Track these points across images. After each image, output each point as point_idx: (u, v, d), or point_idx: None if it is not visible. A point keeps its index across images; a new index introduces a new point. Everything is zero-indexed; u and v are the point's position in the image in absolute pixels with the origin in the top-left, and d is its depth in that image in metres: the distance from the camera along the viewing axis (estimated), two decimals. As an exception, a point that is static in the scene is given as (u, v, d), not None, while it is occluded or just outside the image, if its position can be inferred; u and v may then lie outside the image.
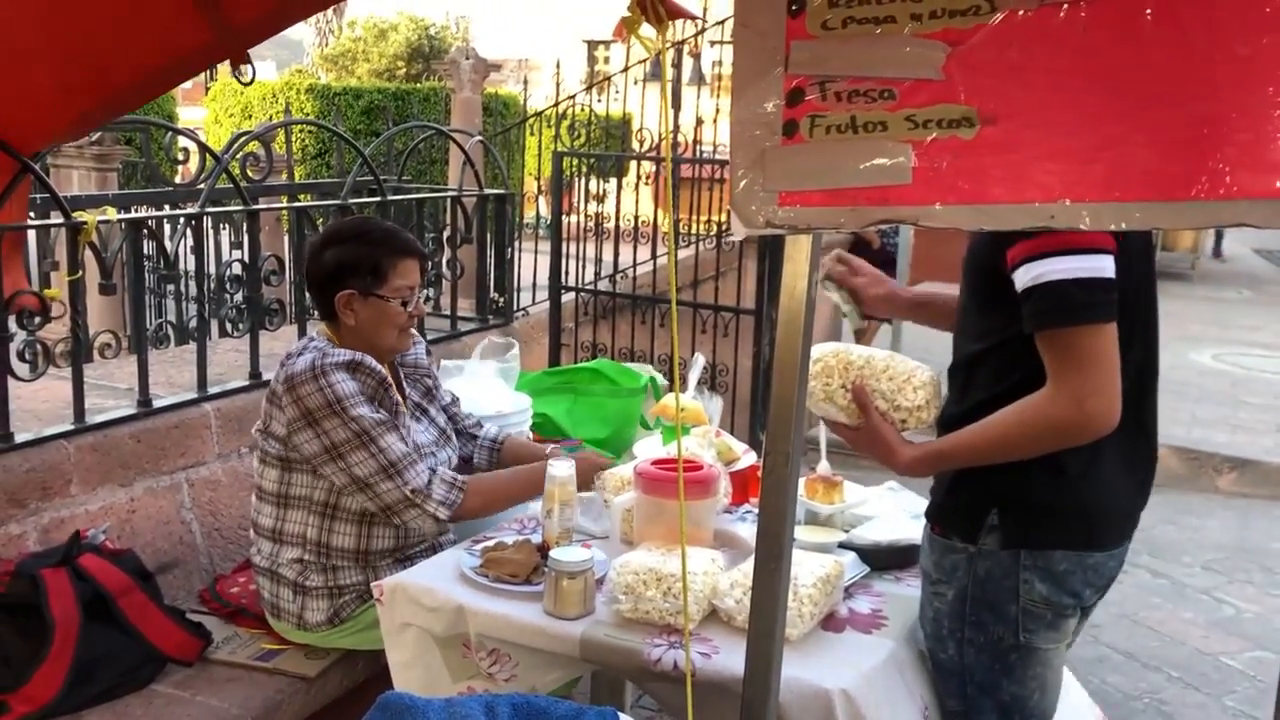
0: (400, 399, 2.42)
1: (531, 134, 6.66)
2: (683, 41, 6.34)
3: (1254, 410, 7.31)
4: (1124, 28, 1.00)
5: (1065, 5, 1.02)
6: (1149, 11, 0.99)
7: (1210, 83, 0.97)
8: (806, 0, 1.12)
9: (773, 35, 1.13)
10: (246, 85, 1.82)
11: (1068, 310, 1.64)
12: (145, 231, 2.89)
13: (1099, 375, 1.65)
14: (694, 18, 1.55)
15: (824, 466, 2.37)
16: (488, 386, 2.99)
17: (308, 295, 2.57)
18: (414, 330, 2.54)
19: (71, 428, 2.60)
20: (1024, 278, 1.65)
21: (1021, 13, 1.04)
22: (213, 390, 2.97)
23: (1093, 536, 1.84)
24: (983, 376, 1.83)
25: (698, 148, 5.84)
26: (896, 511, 2.42)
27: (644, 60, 6.16)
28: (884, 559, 2.21)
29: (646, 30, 1.37)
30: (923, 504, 2.50)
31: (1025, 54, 1.04)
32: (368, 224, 2.50)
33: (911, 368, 1.94)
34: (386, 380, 2.35)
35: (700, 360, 2.73)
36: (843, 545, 2.21)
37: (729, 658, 1.82)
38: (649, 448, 2.64)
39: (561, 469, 2.22)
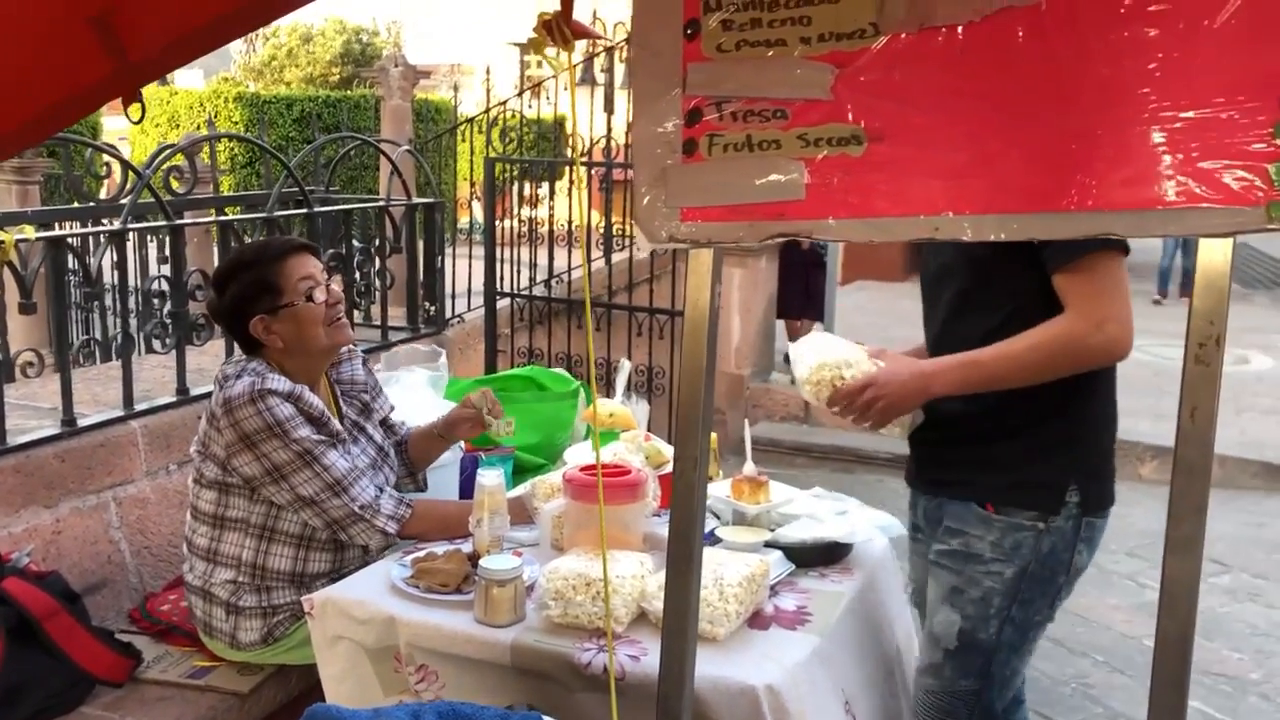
0: (339, 425, 2.41)
1: (464, 140, 6.65)
2: (614, 47, 6.38)
3: (1175, 400, 7.52)
4: (998, 50, 1.06)
5: (944, 29, 1.07)
6: (1020, 33, 1.05)
7: (1077, 101, 1.03)
8: (701, 24, 1.16)
9: (669, 57, 1.17)
10: (136, 124, 1.83)
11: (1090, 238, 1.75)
12: (67, 248, 2.86)
13: (1118, 302, 1.78)
14: (599, 37, 1.59)
15: (749, 467, 2.42)
16: (418, 396, 3.00)
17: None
18: (347, 333, 2.45)
19: (-8, 449, 2.57)
20: None
21: (904, 36, 1.09)
22: (140, 407, 2.94)
23: (1114, 490, 2.01)
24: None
25: (630, 151, 5.88)
26: (821, 510, 2.47)
27: (574, 65, 6.17)
28: (809, 556, 2.26)
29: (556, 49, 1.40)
30: (852, 501, 2.55)
31: (908, 75, 1.09)
32: (241, 253, 2.49)
33: None
34: (325, 413, 2.34)
35: (627, 365, 2.77)
36: (769, 544, 2.26)
37: (657, 659, 1.85)
38: (579, 454, 2.67)
39: (490, 478, 2.24)
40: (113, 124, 15.95)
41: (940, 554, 2.07)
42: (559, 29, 1.36)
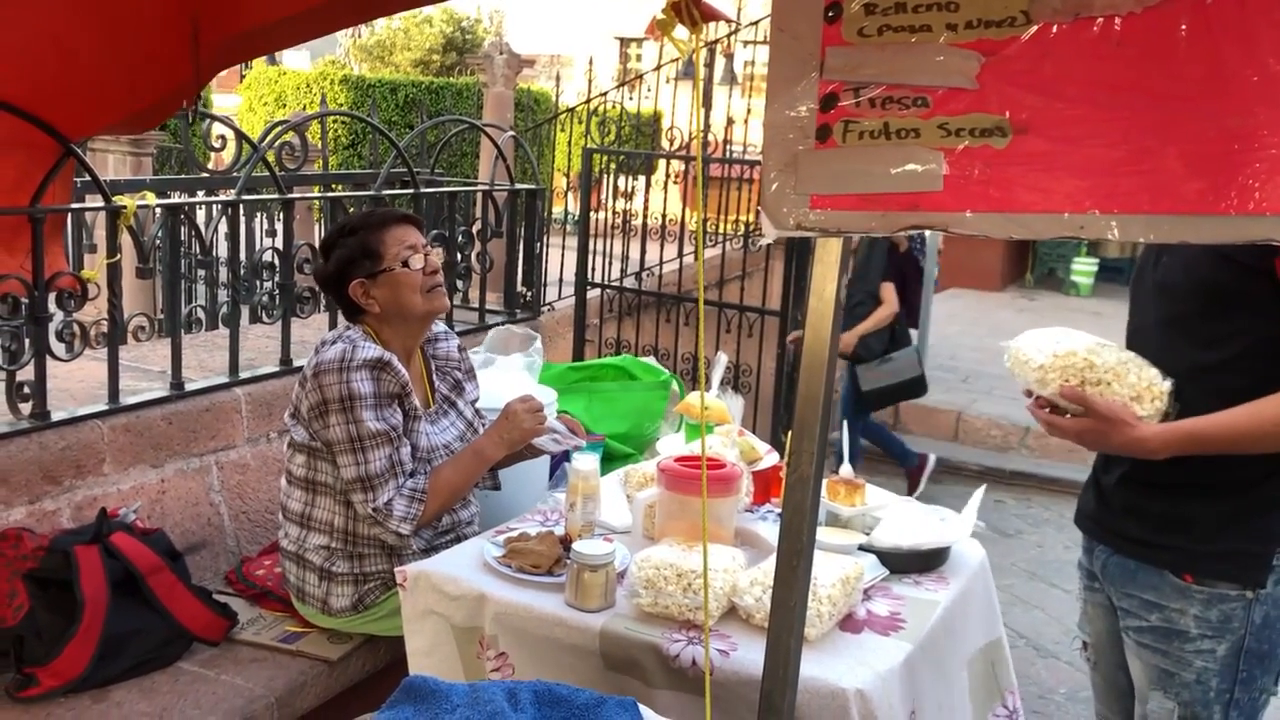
0: (422, 401, 2.44)
1: (562, 130, 6.68)
2: (716, 41, 6.35)
3: None
4: (1158, 43, 1.01)
5: (1100, 20, 1.03)
6: (1184, 27, 1.00)
7: (1242, 99, 0.98)
8: (843, 7, 1.13)
9: (809, 40, 1.15)
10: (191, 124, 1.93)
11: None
12: (182, 217, 2.94)
13: None
14: (729, 20, 1.57)
15: (846, 469, 2.39)
16: (513, 380, 3.02)
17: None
18: (443, 301, 2.50)
19: (106, 408, 2.65)
20: None
21: (1056, 25, 1.05)
22: (244, 375, 3.01)
23: None
24: (1225, 383, 1.73)
25: (728, 147, 5.84)
26: (918, 516, 2.42)
27: (676, 59, 6.17)
28: (904, 562, 2.22)
29: (680, 32, 1.39)
30: (947, 511, 2.49)
31: (1059, 66, 1.05)
32: (347, 221, 2.55)
33: (1151, 377, 1.76)
34: (408, 385, 2.37)
35: (723, 359, 2.74)
36: (863, 548, 2.22)
37: (746, 655, 1.84)
38: (672, 445, 2.66)
39: (585, 463, 2.24)
40: (221, 101, 16.42)
41: (1140, 631, 1.87)
42: (688, 11, 1.35)
